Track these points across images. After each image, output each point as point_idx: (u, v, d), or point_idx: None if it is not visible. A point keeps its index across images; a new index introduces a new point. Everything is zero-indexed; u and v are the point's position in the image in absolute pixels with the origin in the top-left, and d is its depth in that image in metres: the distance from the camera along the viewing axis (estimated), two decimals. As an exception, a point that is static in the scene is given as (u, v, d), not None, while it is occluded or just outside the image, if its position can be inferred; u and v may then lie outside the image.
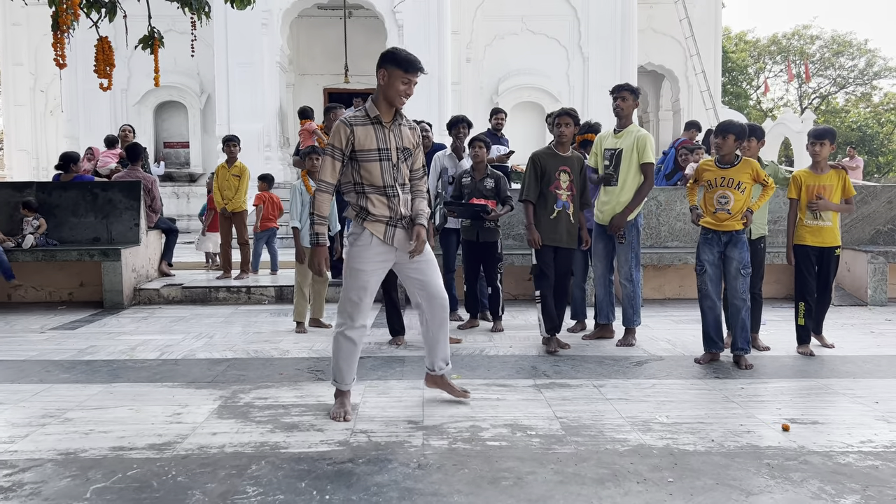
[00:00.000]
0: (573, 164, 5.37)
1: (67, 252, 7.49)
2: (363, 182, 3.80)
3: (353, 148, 3.75)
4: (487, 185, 6.04)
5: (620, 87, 5.61)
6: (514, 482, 3.01)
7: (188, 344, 5.72)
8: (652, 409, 4.02)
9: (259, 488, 2.95)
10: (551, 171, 5.30)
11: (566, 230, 5.35)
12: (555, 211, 5.31)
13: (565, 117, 5.33)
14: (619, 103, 5.53)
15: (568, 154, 5.39)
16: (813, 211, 5.32)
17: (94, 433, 3.63)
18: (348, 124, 3.74)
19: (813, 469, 3.15)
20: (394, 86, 3.72)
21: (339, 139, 3.73)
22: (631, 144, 5.48)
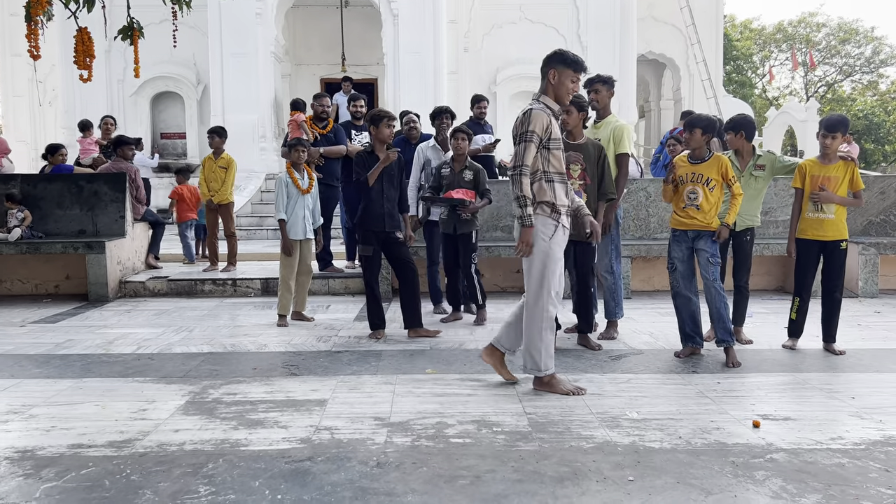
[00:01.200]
0: (588, 151, 5.07)
1: (52, 245, 7.46)
2: (551, 171, 4.09)
3: (550, 136, 4.04)
4: (466, 176, 6.00)
5: (592, 80, 5.47)
6: (472, 481, 2.97)
7: (167, 338, 5.69)
8: (624, 404, 3.97)
9: (212, 487, 2.91)
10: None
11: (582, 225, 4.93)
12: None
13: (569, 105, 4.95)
14: (592, 97, 5.44)
15: (581, 141, 5.11)
16: (815, 203, 5.10)
17: (55, 430, 3.60)
18: (548, 113, 4.04)
19: (777, 467, 3.09)
20: (564, 84, 4.09)
21: (541, 126, 4.00)
22: (608, 135, 5.40)
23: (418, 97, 13.69)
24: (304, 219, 6.22)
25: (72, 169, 8.58)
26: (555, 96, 4.12)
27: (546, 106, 4.08)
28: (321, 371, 4.69)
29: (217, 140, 8.31)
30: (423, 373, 4.62)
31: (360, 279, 7.71)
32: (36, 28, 5.37)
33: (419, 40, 14.62)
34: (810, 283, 5.24)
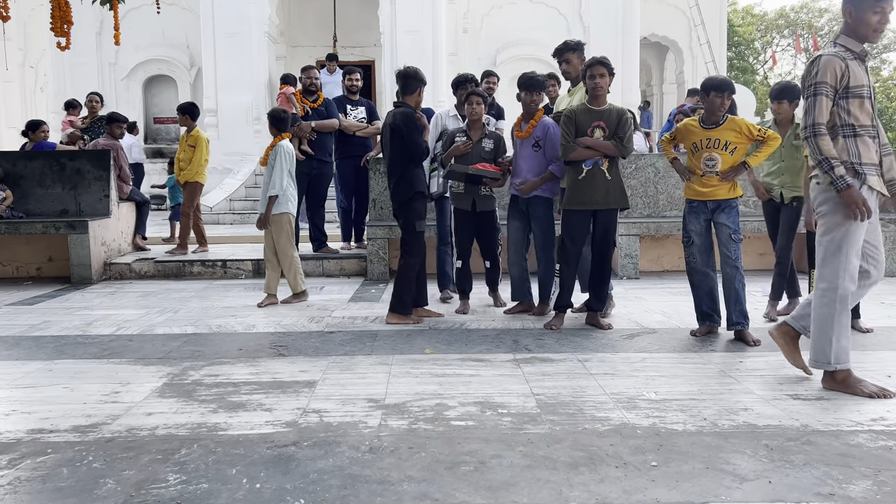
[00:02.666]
0: (611, 117, 4.73)
1: (32, 225, 7.11)
2: (854, 123, 3.46)
3: (848, 84, 3.42)
4: (486, 146, 5.36)
5: (562, 49, 5.24)
6: (475, 467, 2.64)
7: (149, 319, 5.36)
8: (640, 384, 3.64)
9: (182, 476, 2.58)
10: (584, 127, 4.73)
11: (603, 189, 4.73)
12: (583, 170, 4.74)
13: (598, 67, 4.67)
14: (564, 67, 5.25)
15: (604, 107, 4.77)
16: None
17: (15, 414, 3.27)
18: (841, 58, 3.42)
19: (818, 451, 2.76)
20: (863, 19, 3.41)
21: (832, 74, 3.41)
22: (580, 101, 5.04)
23: (416, 78, 13.32)
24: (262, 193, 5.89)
25: (54, 146, 8.22)
26: (855, 35, 3.48)
27: (845, 48, 3.47)
28: (312, 352, 4.35)
29: (183, 118, 7.80)
30: (421, 353, 4.29)
31: (355, 260, 7.39)
32: (5, -13, 5.04)
33: (417, 20, 14.22)
34: None
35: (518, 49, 16.32)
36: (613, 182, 4.79)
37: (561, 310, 4.99)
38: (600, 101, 4.77)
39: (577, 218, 4.83)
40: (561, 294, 4.99)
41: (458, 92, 5.98)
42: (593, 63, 4.72)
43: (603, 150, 4.71)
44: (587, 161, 4.73)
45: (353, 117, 7.52)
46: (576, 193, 4.80)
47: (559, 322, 4.95)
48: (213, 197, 12.33)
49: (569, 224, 4.87)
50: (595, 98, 4.76)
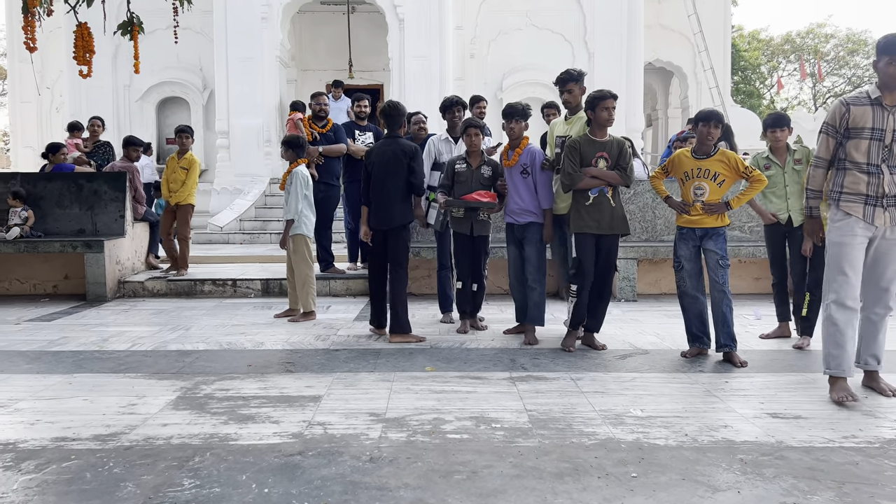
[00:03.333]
0: (612, 148, 4.99)
1: (50, 244, 7.37)
2: (846, 159, 3.93)
3: (848, 125, 3.89)
4: (485, 173, 5.56)
5: (564, 79, 5.36)
6: (468, 476, 2.84)
7: (162, 336, 5.58)
8: (628, 402, 3.84)
9: (196, 480, 2.80)
10: (588, 157, 4.96)
11: (609, 215, 4.98)
12: (590, 198, 4.96)
13: (611, 101, 4.93)
14: (566, 97, 5.38)
15: (606, 139, 5.03)
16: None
17: (39, 423, 3.49)
18: (846, 103, 3.90)
19: (788, 465, 2.95)
20: (888, 71, 3.76)
21: (834, 117, 3.92)
22: (580, 129, 5.28)
23: (424, 102, 13.56)
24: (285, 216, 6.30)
25: (72, 168, 8.50)
26: (879, 83, 3.85)
27: (867, 94, 3.88)
28: (317, 368, 4.57)
29: (185, 140, 8.00)
30: (421, 370, 4.50)
31: (361, 280, 7.61)
32: (33, 20, 5.30)
33: (425, 46, 14.54)
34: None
35: (524, 74, 16.62)
36: (616, 209, 5.02)
37: (576, 329, 5.15)
38: (604, 133, 5.01)
39: (587, 240, 5.01)
40: (577, 312, 5.09)
41: (447, 115, 6.23)
42: (605, 96, 4.90)
43: (608, 180, 4.95)
44: (593, 189, 4.95)
45: (361, 142, 7.78)
46: (584, 218, 4.98)
47: (573, 341, 5.12)
48: (224, 217, 12.61)
49: (582, 246, 5.02)
50: (600, 129, 4.98)
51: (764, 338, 5.48)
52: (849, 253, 3.88)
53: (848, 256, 3.88)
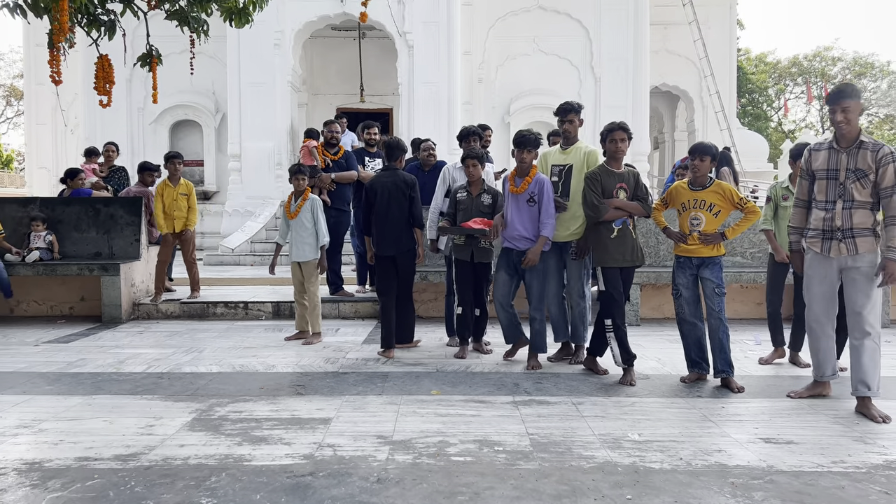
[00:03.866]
0: (629, 179, 5.12)
1: (67, 266, 7.58)
2: (811, 198, 4.49)
3: (810, 167, 4.44)
4: (485, 201, 5.78)
5: (566, 110, 5.54)
6: (470, 497, 2.99)
7: (176, 358, 5.76)
8: (627, 426, 3.98)
9: (214, 499, 2.96)
10: (609, 188, 5.05)
11: (631, 247, 5.08)
12: (614, 230, 5.04)
13: (620, 132, 5.06)
14: (567, 127, 5.54)
15: (622, 170, 5.15)
16: None
17: (63, 444, 3.66)
18: (812, 148, 4.48)
19: (777, 489, 3.09)
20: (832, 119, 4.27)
21: (805, 160, 4.50)
22: (581, 159, 5.45)
23: (432, 126, 13.85)
24: (293, 243, 6.46)
25: (90, 193, 8.74)
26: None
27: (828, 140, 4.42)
28: (327, 391, 4.73)
29: (178, 166, 8.09)
30: (428, 394, 4.65)
31: (370, 303, 7.77)
32: (58, 54, 5.53)
33: (434, 71, 14.80)
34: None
35: (531, 98, 16.86)
36: (637, 240, 5.15)
37: (631, 365, 5.03)
38: (619, 164, 5.13)
39: (615, 274, 5.03)
40: (623, 349, 5.02)
41: (464, 144, 6.40)
42: (615, 128, 5.07)
43: (631, 211, 5.05)
44: (617, 221, 5.03)
45: (371, 168, 7.99)
46: (610, 251, 5.02)
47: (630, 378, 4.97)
48: (235, 239, 12.82)
49: (612, 279, 5.01)
50: (615, 161, 5.10)
51: (763, 363, 5.61)
52: (809, 284, 4.50)
53: (809, 287, 4.50)
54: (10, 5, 5.73)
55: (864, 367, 4.23)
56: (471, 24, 16.83)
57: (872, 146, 4.19)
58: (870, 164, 4.17)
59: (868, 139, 4.22)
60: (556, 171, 5.57)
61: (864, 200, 4.22)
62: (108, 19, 6.34)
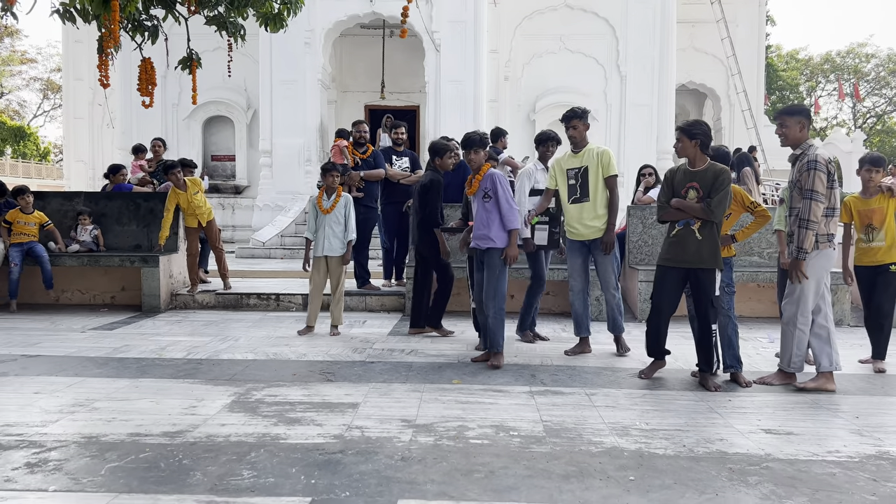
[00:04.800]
0: (706, 177, 4.83)
1: (110, 258, 8.00)
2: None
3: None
4: None
5: (569, 117, 5.80)
6: (486, 475, 3.27)
7: (214, 346, 6.11)
8: (635, 416, 4.23)
9: (254, 472, 3.27)
10: (679, 187, 4.93)
11: (694, 249, 4.82)
12: (675, 229, 4.93)
13: (676, 133, 4.98)
14: (571, 132, 5.79)
15: (700, 168, 4.89)
16: (867, 234, 5.58)
17: (116, 421, 4.01)
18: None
19: (771, 474, 3.33)
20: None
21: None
22: (596, 161, 5.73)
23: (459, 124, 14.11)
24: (325, 237, 6.65)
25: (131, 188, 9.15)
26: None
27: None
28: (355, 378, 5.04)
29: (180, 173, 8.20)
30: (449, 383, 4.94)
31: (395, 297, 8.08)
32: (107, 59, 5.89)
33: (460, 69, 15.08)
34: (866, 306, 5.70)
35: (557, 96, 17.06)
36: (705, 242, 4.83)
37: (659, 356, 5.19)
38: (694, 163, 4.92)
39: (668, 274, 5.00)
40: (648, 342, 5.19)
41: (540, 147, 6.54)
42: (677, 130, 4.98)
43: (691, 213, 4.85)
44: (680, 221, 4.91)
45: (398, 167, 8.29)
46: (667, 251, 5.01)
47: (651, 371, 5.18)
48: (266, 233, 13.22)
49: (657, 277, 5.08)
50: (689, 161, 4.96)
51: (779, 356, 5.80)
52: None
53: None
54: (59, 11, 6.12)
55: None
56: (497, 22, 17.07)
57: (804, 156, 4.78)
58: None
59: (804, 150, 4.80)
60: (571, 174, 5.83)
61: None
62: (151, 24, 6.70)
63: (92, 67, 21.70)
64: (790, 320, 4.93)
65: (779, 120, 4.88)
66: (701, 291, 4.92)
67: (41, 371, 5.16)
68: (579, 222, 5.83)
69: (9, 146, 39.83)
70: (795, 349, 4.94)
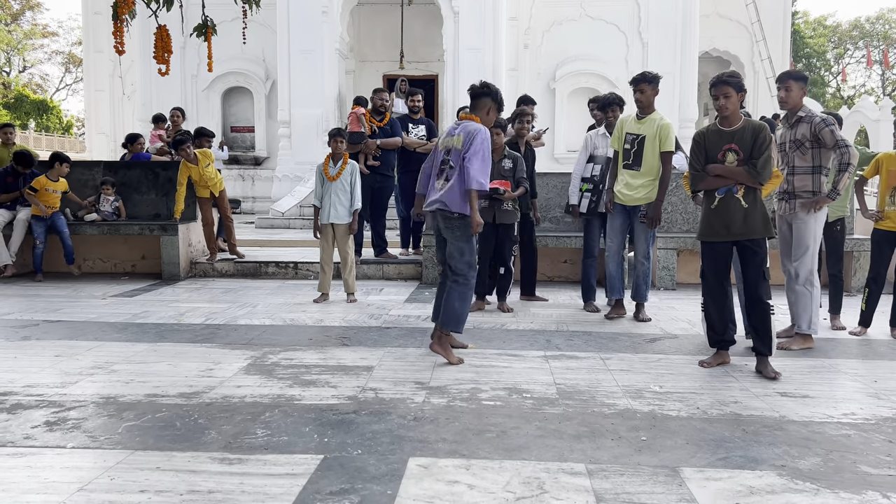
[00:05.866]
0: (744, 137, 4.34)
1: (130, 227, 8.07)
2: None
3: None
4: (506, 165, 6.08)
5: (639, 80, 5.70)
6: (498, 435, 3.28)
7: (232, 312, 6.16)
8: (650, 379, 4.22)
9: (268, 431, 3.31)
10: (714, 151, 4.43)
11: (740, 218, 4.35)
12: (716, 198, 4.43)
13: (722, 87, 4.35)
14: (638, 96, 5.70)
15: (736, 126, 4.39)
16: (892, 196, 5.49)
17: (133, 382, 4.06)
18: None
19: (785, 435, 3.31)
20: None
21: None
22: (654, 132, 5.66)
23: (477, 93, 13.99)
24: (331, 205, 6.60)
25: (149, 157, 9.19)
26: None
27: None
28: (371, 343, 5.07)
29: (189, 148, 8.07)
30: (464, 347, 4.94)
31: (412, 265, 8.09)
32: (121, 26, 5.88)
33: (479, 38, 14.89)
34: (881, 273, 5.56)
35: (577, 65, 16.83)
36: (751, 209, 4.36)
37: (723, 346, 4.61)
38: (731, 121, 4.42)
39: (714, 250, 4.53)
40: (710, 332, 4.68)
41: (602, 113, 6.54)
42: (716, 83, 4.42)
43: (734, 178, 4.36)
44: (720, 189, 4.41)
45: (415, 135, 8.25)
46: (709, 224, 4.49)
47: (715, 361, 4.57)
48: (285, 203, 13.26)
49: (706, 255, 4.60)
50: (724, 119, 4.44)
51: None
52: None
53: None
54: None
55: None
56: (518, -11, 16.82)
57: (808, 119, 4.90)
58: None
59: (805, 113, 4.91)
60: (629, 139, 5.77)
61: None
62: (166, -9, 6.67)
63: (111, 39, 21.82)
64: (807, 280, 5.00)
65: (784, 84, 4.94)
66: (752, 264, 4.41)
67: (62, 335, 5.25)
68: (627, 188, 5.81)
69: (32, 120, 40.19)
70: (814, 309, 5.01)
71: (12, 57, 47.50)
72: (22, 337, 5.19)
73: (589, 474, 2.86)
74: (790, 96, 4.92)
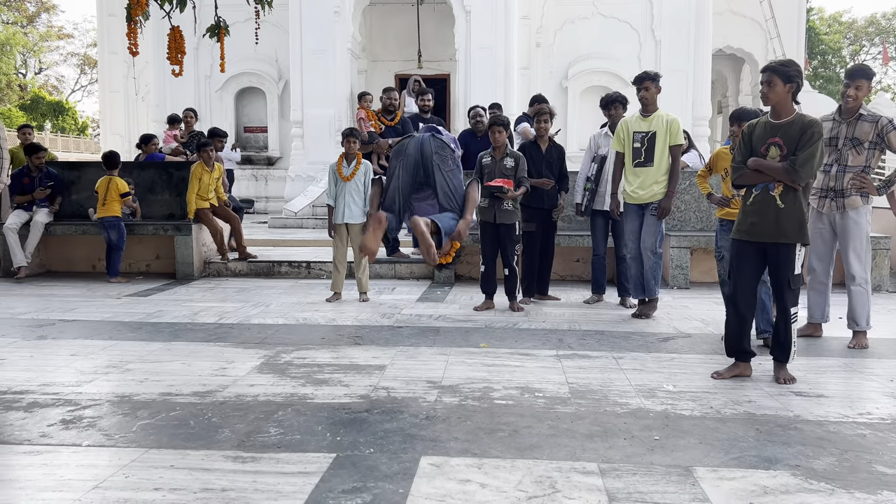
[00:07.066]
0: (791, 132, 3.99)
1: (144, 227, 8.12)
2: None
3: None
4: (507, 164, 6.10)
5: (641, 78, 5.73)
6: (510, 434, 3.28)
7: (245, 311, 6.19)
8: (663, 379, 4.20)
9: (280, 429, 3.33)
10: (759, 145, 4.10)
11: (772, 219, 4.01)
12: (751, 195, 4.13)
13: (767, 74, 4.05)
14: (643, 94, 5.70)
15: (785, 120, 4.05)
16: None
17: (148, 381, 4.09)
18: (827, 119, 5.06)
19: (800, 435, 3.29)
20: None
21: None
22: (664, 127, 5.66)
23: (489, 92, 13.96)
24: (345, 205, 6.63)
25: (163, 157, 9.25)
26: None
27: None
28: (383, 342, 5.08)
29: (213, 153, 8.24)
30: (476, 346, 4.95)
31: (424, 264, 8.09)
32: (135, 27, 5.93)
33: (491, 36, 14.87)
34: None
35: (589, 63, 16.78)
36: (787, 211, 4.00)
37: (741, 357, 4.29)
38: (778, 113, 4.08)
39: (744, 251, 4.18)
40: (727, 339, 4.37)
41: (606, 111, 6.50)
42: (763, 69, 4.14)
43: (770, 174, 4.04)
44: (758, 185, 4.10)
45: (426, 134, 8.25)
46: (742, 221, 4.21)
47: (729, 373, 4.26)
48: (298, 203, 13.30)
49: (733, 254, 4.27)
50: (772, 111, 4.12)
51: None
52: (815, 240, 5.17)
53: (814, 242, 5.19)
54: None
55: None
56: (530, -13, 16.79)
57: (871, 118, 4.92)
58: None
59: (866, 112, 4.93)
60: (638, 137, 5.77)
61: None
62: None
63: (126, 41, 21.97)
64: (862, 278, 5.05)
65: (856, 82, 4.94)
66: (779, 270, 4.08)
67: (77, 334, 5.29)
68: (640, 186, 5.80)
69: (48, 121, 40.54)
70: (870, 306, 5.11)
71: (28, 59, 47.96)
72: (38, 336, 5.24)
73: (601, 473, 2.85)
74: (860, 95, 4.93)
